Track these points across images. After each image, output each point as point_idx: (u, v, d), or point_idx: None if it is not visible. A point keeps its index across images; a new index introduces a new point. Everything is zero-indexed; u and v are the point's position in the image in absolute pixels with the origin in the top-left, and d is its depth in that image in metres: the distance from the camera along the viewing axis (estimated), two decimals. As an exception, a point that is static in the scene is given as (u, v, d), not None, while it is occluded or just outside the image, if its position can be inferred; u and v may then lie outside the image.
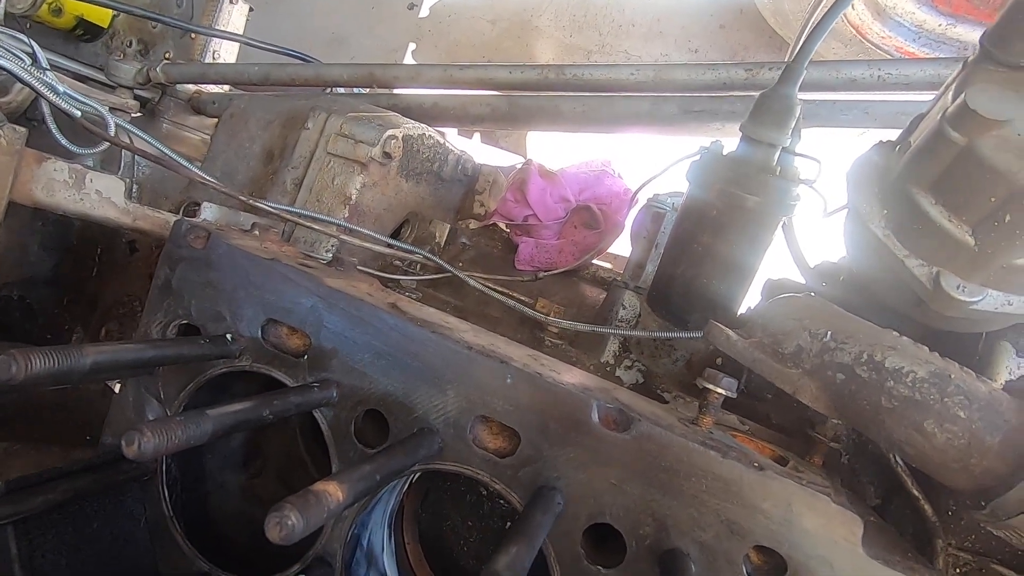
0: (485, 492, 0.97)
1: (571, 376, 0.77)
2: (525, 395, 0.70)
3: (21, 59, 1.15)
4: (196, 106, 2.06)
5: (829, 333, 0.66)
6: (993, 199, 0.59)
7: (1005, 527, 0.58)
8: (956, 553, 0.72)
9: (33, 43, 1.23)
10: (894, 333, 0.65)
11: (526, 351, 0.85)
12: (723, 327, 0.74)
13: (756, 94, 1.48)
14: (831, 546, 0.60)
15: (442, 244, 1.56)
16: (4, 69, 1.09)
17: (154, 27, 2.27)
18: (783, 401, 0.96)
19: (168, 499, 0.85)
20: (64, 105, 1.14)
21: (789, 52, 1.57)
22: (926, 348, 0.63)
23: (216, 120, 2.25)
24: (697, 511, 0.63)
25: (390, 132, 1.32)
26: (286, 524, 0.45)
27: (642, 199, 1.50)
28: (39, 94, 1.16)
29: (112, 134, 1.19)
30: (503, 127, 1.98)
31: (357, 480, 0.55)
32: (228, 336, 0.81)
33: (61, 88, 1.14)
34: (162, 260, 0.86)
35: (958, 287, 0.63)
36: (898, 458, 0.73)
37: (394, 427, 0.75)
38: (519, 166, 1.80)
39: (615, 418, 0.67)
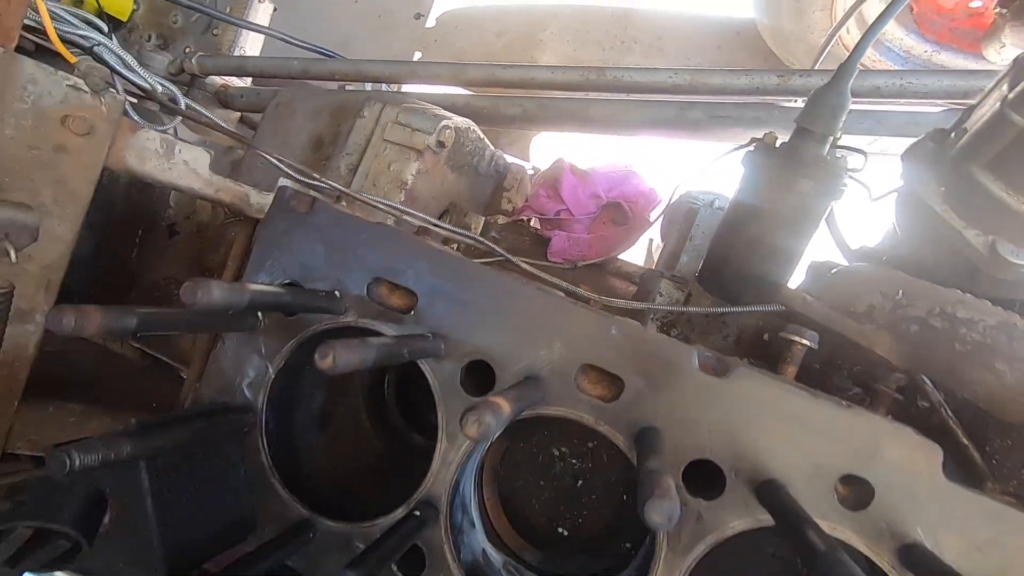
0: (557, 453, 1.02)
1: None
2: (628, 345, 0.77)
3: (98, 40, 1.19)
4: (223, 99, 2.09)
5: (900, 292, 0.75)
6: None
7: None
8: (1001, 497, 0.81)
9: (105, 25, 1.26)
10: (958, 291, 0.74)
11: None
12: (797, 290, 0.82)
13: (782, 100, 1.60)
14: (915, 474, 0.67)
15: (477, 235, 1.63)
16: (85, 49, 1.13)
17: (174, 22, 2.30)
18: (829, 368, 1.05)
19: (267, 450, 0.88)
20: (142, 81, 1.17)
21: (815, 60, 1.69)
22: (988, 302, 0.72)
23: (239, 114, 2.29)
24: (792, 447, 0.71)
25: (445, 122, 1.38)
26: (483, 421, 0.50)
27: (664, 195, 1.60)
28: (113, 71, 1.19)
29: (184, 109, 1.23)
30: (533, 128, 2.06)
31: (513, 401, 0.60)
32: (336, 292, 0.85)
33: (138, 67, 1.18)
34: (265, 222, 0.90)
35: (1013, 252, 0.73)
36: (948, 410, 0.82)
37: (500, 376, 0.80)
38: (550, 164, 1.88)
39: (713, 365, 0.74)
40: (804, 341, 0.75)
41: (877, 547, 0.68)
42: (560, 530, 1.00)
